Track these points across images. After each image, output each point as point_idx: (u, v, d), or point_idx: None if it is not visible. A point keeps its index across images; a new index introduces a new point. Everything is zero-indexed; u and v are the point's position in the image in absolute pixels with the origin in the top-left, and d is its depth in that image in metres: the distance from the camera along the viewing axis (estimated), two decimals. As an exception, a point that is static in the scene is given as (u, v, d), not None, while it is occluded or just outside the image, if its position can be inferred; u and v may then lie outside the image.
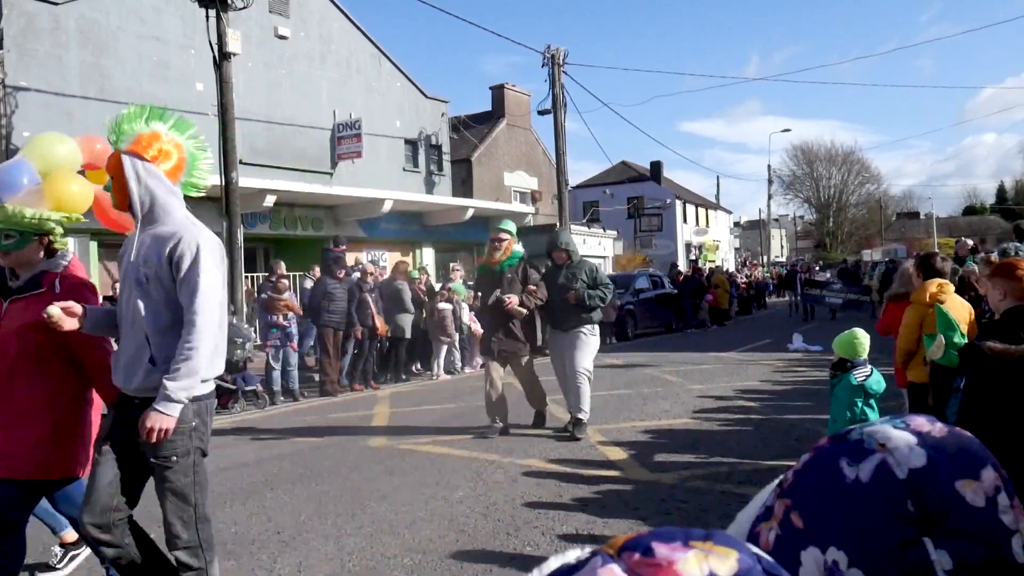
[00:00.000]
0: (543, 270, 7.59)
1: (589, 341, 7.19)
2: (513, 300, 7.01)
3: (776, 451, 6.25)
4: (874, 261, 32.58)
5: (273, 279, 10.78)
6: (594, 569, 0.59)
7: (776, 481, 0.79)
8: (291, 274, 13.24)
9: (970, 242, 17.74)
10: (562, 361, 7.25)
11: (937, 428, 0.73)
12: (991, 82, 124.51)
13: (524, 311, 7.11)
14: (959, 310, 4.71)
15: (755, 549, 0.62)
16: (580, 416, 7.05)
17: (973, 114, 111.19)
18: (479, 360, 13.36)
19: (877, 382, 4.68)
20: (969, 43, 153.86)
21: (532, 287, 7.23)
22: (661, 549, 0.59)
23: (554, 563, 0.63)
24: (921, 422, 0.74)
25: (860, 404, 4.64)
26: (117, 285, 10.31)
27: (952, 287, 4.91)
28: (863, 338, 4.74)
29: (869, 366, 4.71)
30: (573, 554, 0.63)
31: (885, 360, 5.94)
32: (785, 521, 0.72)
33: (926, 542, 0.66)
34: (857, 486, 0.69)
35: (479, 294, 7.59)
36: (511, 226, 7.58)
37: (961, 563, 0.65)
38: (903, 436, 0.71)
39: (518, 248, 7.58)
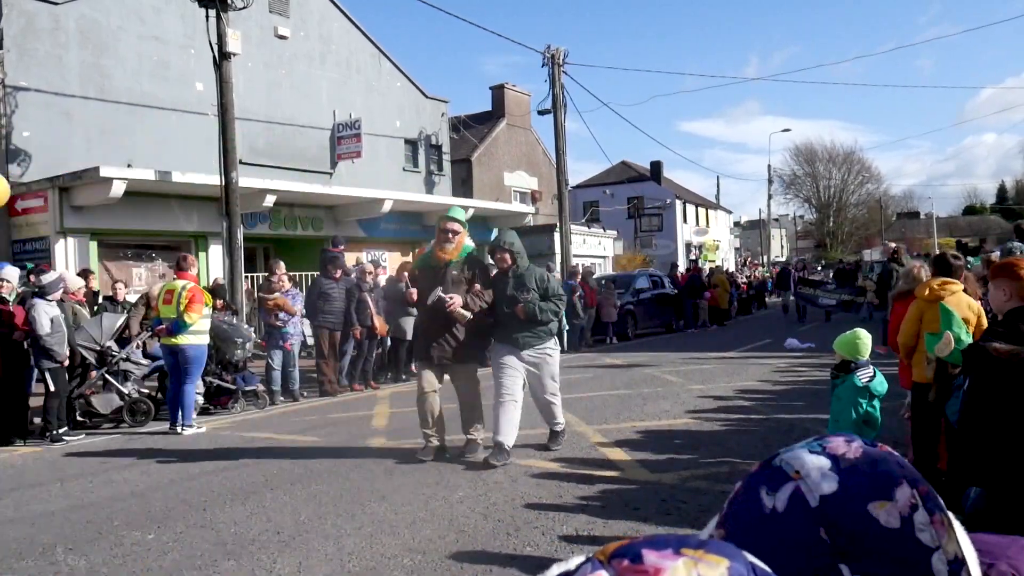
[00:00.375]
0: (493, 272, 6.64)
1: (555, 360, 6.46)
2: (456, 301, 6.08)
3: (776, 451, 6.23)
4: (872, 261, 32.54)
5: (273, 279, 10.77)
6: (584, 575, 0.59)
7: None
8: (293, 274, 13.25)
9: (893, 244, 17.53)
10: (504, 377, 6.24)
11: (853, 449, 0.72)
12: (991, 82, 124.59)
13: (468, 315, 6.15)
14: (963, 309, 4.69)
15: (751, 558, 0.62)
16: (556, 428, 6.57)
17: (973, 114, 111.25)
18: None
19: (881, 383, 4.67)
20: (968, 43, 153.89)
21: (479, 287, 6.30)
22: (650, 556, 0.59)
23: (556, 570, 0.63)
24: (838, 444, 0.73)
25: (864, 405, 4.63)
26: (118, 285, 10.16)
27: (960, 285, 4.88)
28: (865, 338, 4.73)
29: (872, 367, 4.70)
30: (575, 561, 0.63)
31: (885, 360, 5.93)
32: None
33: (842, 569, 0.65)
34: (774, 516, 0.69)
35: (412, 291, 6.47)
36: (462, 215, 6.65)
37: None
38: (817, 461, 0.71)
39: (468, 242, 6.64)
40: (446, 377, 6.44)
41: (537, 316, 6.18)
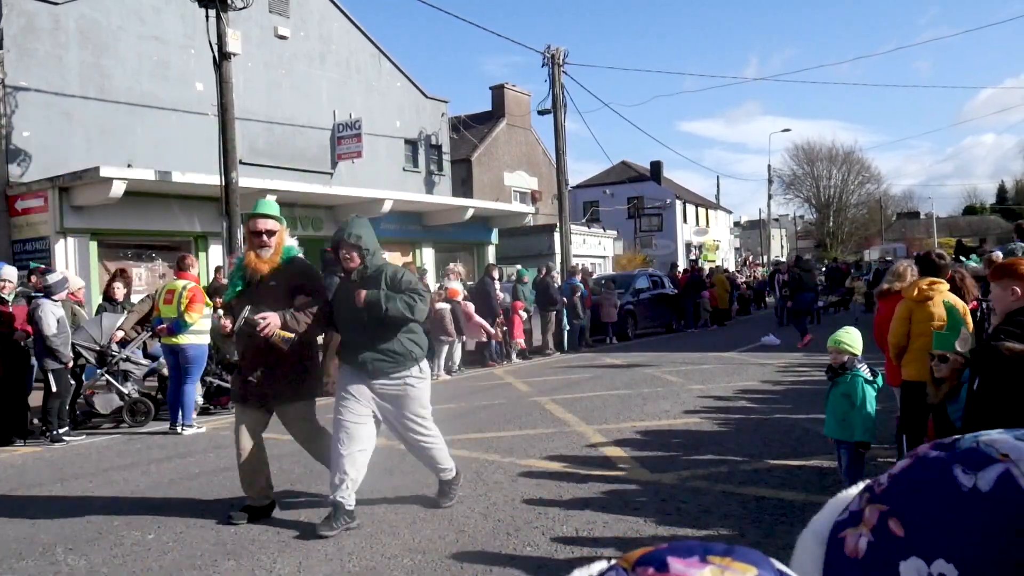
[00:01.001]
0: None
1: (421, 390, 4.89)
2: (271, 322, 4.61)
3: (776, 451, 6.24)
4: (871, 260, 32.51)
5: None
6: None
7: (859, 486, 0.74)
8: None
9: (796, 253, 17.48)
10: (344, 415, 4.73)
11: None
12: (989, 83, 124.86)
13: (290, 336, 4.67)
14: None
15: (779, 566, 0.60)
16: (443, 476, 5.07)
17: (972, 115, 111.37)
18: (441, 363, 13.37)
19: (880, 378, 4.75)
20: (966, 45, 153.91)
21: (303, 299, 4.84)
22: (676, 564, 0.58)
23: (577, 575, 0.62)
24: None
25: (875, 399, 4.67)
26: (116, 285, 10.10)
27: (946, 285, 4.94)
28: (856, 334, 4.80)
29: (865, 364, 4.76)
30: (597, 567, 0.62)
31: (875, 358, 5.92)
32: (880, 528, 0.66)
33: None
34: (975, 495, 0.63)
35: (224, 323, 4.97)
36: (275, 209, 5.04)
37: None
38: None
39: (290, 241, 5.12)
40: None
41: (382, 306, 4.56)
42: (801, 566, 0.71)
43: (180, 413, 8.25)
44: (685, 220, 42.37)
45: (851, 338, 4.78)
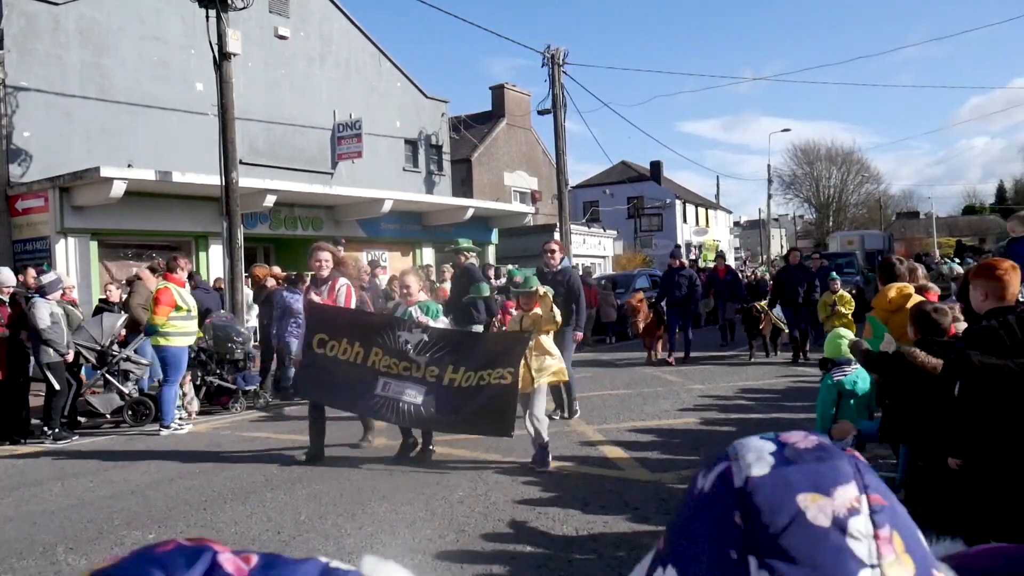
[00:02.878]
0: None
1: None
2: None
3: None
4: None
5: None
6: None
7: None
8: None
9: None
10: None
11: (809, 441, 0.63)
12: (985, 87, 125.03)
13: None
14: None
15: (333, 566, 0.62)
16: None
17: (968, 116, 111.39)
18: None
19: (852, 382, 4.74)
20: (963, 50, 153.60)
21: None
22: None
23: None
24: (793, 435, 0.65)
25: (837, 403, 4.73)
26: (111, 287, 10.12)
27: (911, 288, 4.96)
28: (847, 335, 4.81)
29: (853, 366, 4.75)
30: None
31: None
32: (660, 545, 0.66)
33: (750, 560, 0.56)
34: (700, 496, 0.62)
35: None
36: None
37: None
38: (760, 445, 0.63)
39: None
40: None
41: None
42: None
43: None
44: (685, 220, 42.38)
45: (833, 340, 4.89)
